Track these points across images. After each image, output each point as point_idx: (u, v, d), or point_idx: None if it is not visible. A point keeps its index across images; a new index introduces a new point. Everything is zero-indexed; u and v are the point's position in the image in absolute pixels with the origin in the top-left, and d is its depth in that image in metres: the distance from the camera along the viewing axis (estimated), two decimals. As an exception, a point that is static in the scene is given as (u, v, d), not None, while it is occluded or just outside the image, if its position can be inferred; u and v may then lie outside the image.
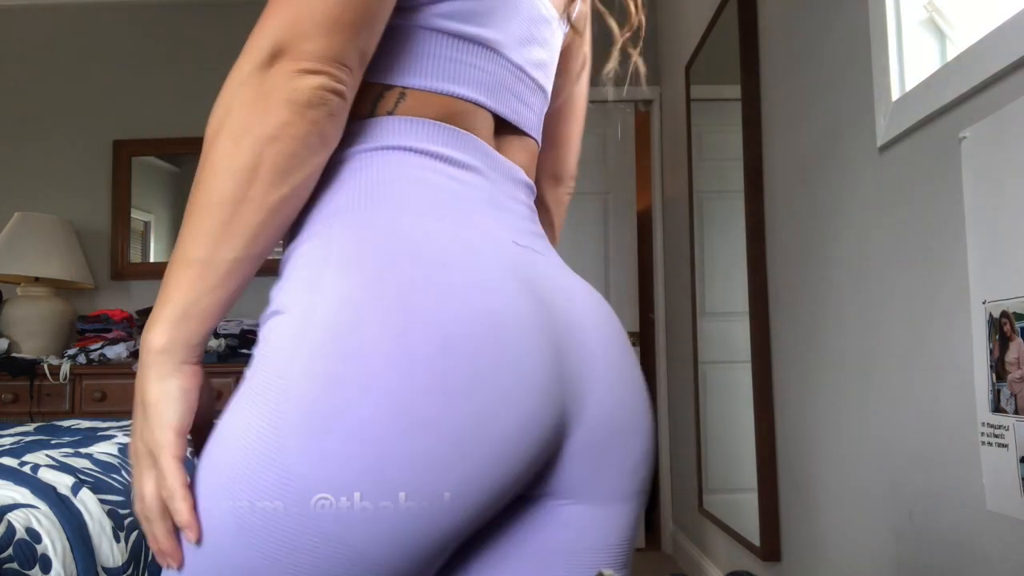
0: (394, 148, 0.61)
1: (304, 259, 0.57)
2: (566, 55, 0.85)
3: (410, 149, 0.61)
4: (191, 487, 0.54)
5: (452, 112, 0.63)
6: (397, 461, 0.50)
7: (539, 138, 0.75)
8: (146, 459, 0.55)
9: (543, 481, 0.61)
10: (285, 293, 0.56)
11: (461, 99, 0.64)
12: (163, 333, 0.54)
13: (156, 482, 0.54)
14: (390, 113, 0.62)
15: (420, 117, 0.62)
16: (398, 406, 0.50)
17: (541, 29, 0.70)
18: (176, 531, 0.54)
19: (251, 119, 0.52)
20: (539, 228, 0.71)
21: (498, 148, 0.68)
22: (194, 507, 0.53)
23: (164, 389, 0.54)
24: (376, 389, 0.50)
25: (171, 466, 0.54)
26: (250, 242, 0.54)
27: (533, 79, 0.70)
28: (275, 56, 0.52)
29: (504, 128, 0.69)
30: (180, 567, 0.54)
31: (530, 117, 0.71)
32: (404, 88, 0.62)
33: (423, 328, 0.52)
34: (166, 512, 0.54)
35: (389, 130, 0.62)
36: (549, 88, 0.75)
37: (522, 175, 0.70)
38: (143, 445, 0.55)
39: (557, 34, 0.74)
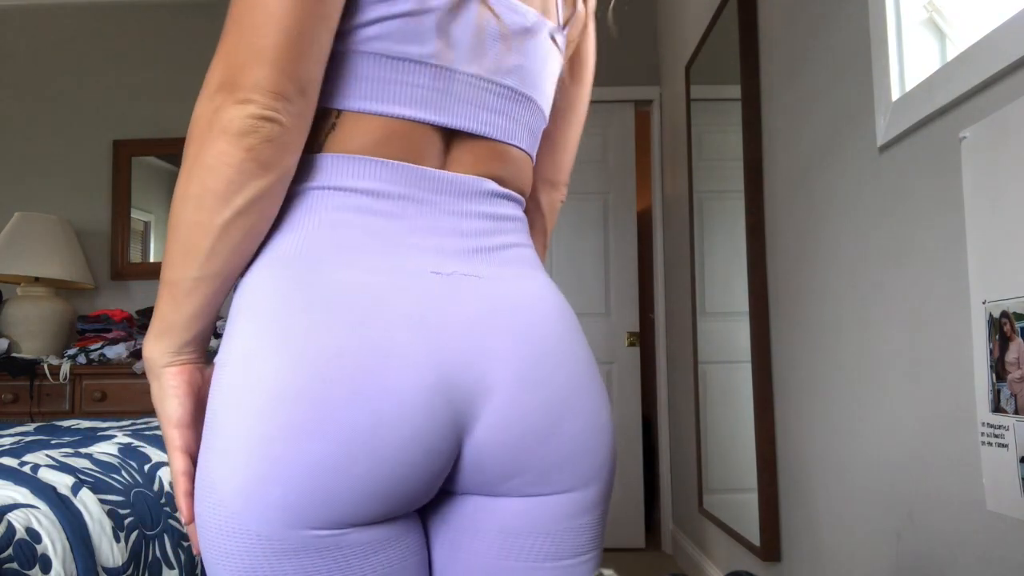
0: (321, 188, 0.65)
1: (233, 306, 0.65)
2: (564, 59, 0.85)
3: (335, 188, 0.65)
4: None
5: (384, 136, 0.66)
6: (289, 466, 0.58)
7: (522, 143, 0.75)
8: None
9: (458, 480, 0.68)
10: (222, 340, 0.65)
11: (396, 118, 0.66)
12: (148, 344, 0.64)
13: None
14: (320, 149, 0.65)
15: (347, 152, 0.65)
16: (282, 427, 0.58)
17: (513, 36, 0.71)
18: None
19: (197, 149, 0.58)
20: (501, 238, 0.72)
21: (457, 160, 0.70)
22: (189, 493, 0.64)
23: (156, 391, 0.65)
24: (268, 416, 0.58)
25: (173, 457, 0.65)
26: (204, 263, 0.60)
27: (505, 86, 0.71)
28: (219, 88, 0.58)
29: (466, 138, 0.70)
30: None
31: (504, 124, 0.72)
32: (339, 111, 0.65)
33: (301, 363, 0.59)
34: (184, 494, 0.65)
35: (318, 169, 0.65)
36: (536, 93, 0.76)
37: (487, 185, 0.71)
38: (169, 452, 0.66)
39: (541, 38, 0.75)
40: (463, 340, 0.65)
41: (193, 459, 0.64)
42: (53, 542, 1.03)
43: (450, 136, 0.69)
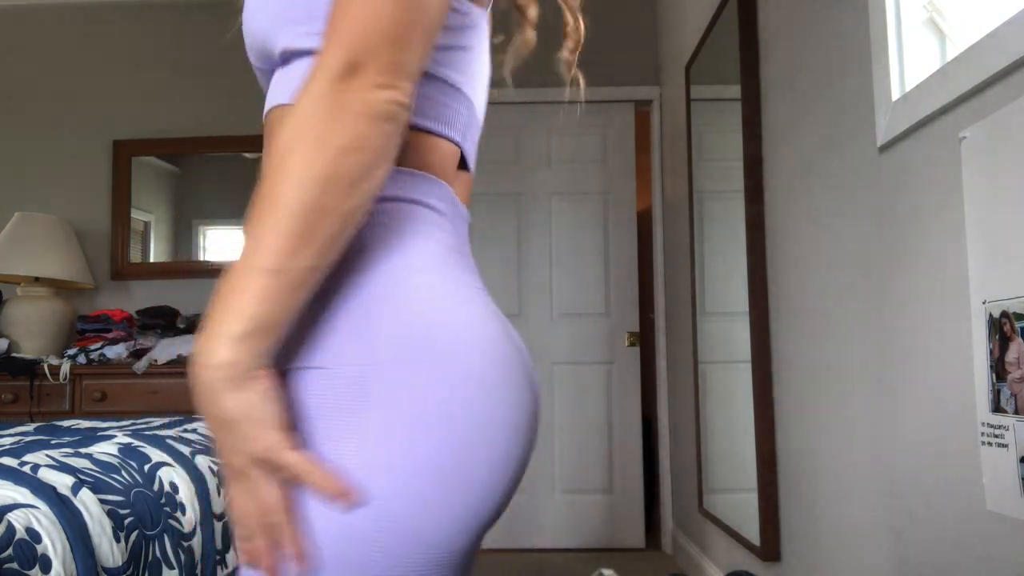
0: (410, 201, 0.65)
1: (346, 318, 0.60)
2: None
3: (420, 203, 0.66)
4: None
5: (442, 157, 0.69)
6: (482, 473, 0.59)
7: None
8: (253, 470, 0.56)
9: None
10: (327, 353, 0.59)
11: (450, 142, 0.70)
12: (231, 347, 0.54)
13: (267, 490, 0.56)
14: (397, 161, 0.65)
15: (417, 169, 0.67)
16: (484, 431, 0.59)
17: (487, 77, 0.78)
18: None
19: (328, 131, 0.54)
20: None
21: (456, 189, 0.74)
22: (332, 475, 0.56)
23: (246, 399, 0.55)
24: (474, 423, 0.59)
25: (294, 457, 0.56)
26: (325, 251, 0.55)
27: (479, 120, 0.77)
28: (350, 70, 0.55)
29: (463, 169, 0.75)
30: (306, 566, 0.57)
31: (474, 154, 0.78)
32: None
33: (498, 369, 0.61)
34: (290, 514, 0.56)
35: (401, 181, 0.65)
36: None
37: (467, 212, 0.75)
38: (242, 459, 0.56)
39: None
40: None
41: None
42: (53, 542, 1.03)
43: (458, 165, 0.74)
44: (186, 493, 1.39)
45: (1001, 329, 1.02)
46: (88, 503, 1.14)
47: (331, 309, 0.60)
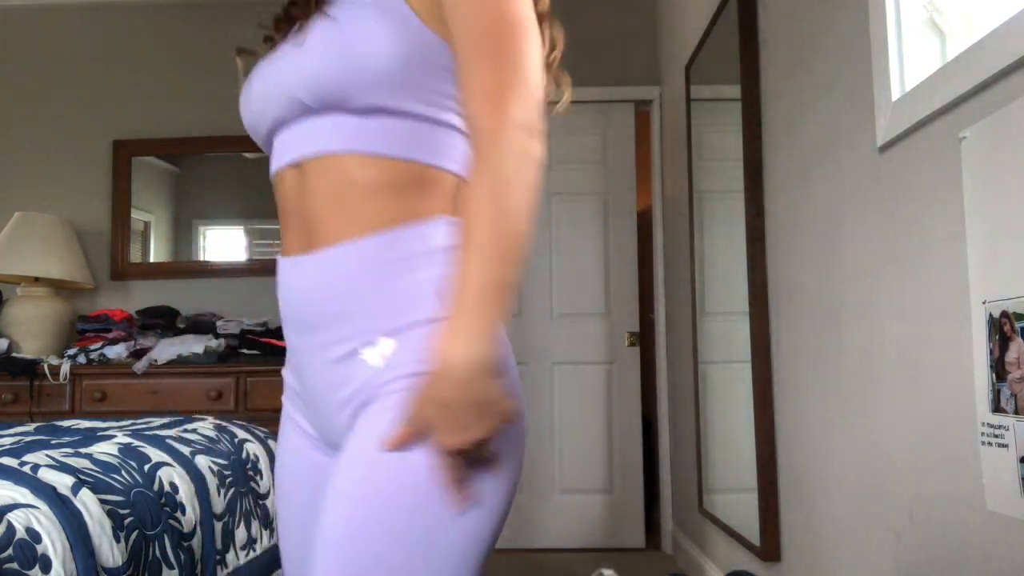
0: (452, 248, 0.79)
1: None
2: None
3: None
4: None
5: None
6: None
7: None
8: (496, 428, 0.73)
9: None
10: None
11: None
12: (489, 344, 0.71)
13: (502, 436, 0.75)
14: (452, 212, 0.82)
15: (455, 216, 0.81)
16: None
17: None
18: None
19: (527, 175, 0.75)
20: None
21: None
22: None
23: (501, 382, 0.74)
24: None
25: (513, 403, 0.76)
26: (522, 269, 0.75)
27: None
28: (529, 124, 0.75)
29: None
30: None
31: None
32: (457, 177, 0.83)
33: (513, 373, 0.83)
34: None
35: (456, 230, 0.79)
36: None
37: None
38: (493, 423, 0.72)
39: None
40: None
41: None
42: (53, 542, 1.03)
43: None
44: (186, 493, 1.39)
45: (1001, 329, 1.02)
46: (88, 503, 1.14)
47: None
